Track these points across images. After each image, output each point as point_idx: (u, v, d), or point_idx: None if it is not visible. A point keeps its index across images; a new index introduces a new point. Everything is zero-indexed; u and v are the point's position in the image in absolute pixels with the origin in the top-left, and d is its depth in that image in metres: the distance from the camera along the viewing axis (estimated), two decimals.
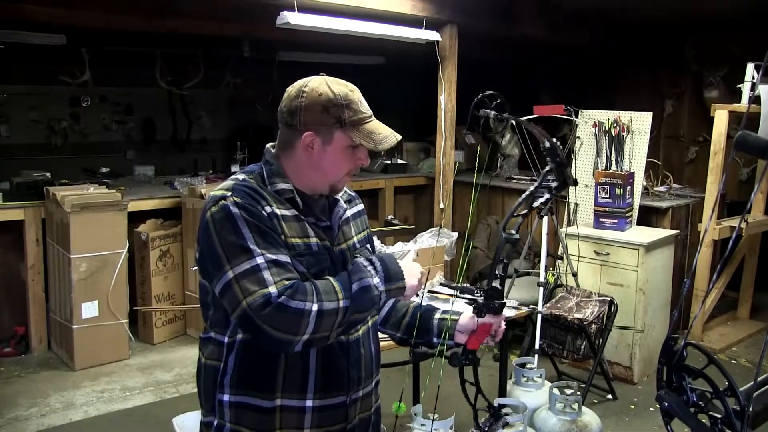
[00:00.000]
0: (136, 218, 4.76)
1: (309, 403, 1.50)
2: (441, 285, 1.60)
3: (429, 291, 1.55)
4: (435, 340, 1.71)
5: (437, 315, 1.74)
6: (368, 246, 1.72)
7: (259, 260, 1.38)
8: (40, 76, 5.97)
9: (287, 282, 1.37)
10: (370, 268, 1.46)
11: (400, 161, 6.80)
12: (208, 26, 5.20)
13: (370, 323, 1.64)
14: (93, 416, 3.71)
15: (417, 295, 1.56)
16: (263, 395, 1.48)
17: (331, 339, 1.42)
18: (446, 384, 4.19)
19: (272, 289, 1.34)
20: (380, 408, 1.72)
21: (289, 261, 1.43)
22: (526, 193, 1.53)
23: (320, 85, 1.50)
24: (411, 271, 1.51)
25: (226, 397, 1.50)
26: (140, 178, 5.87)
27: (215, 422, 1.53)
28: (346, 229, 1.63)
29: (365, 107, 1.54)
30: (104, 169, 5.95)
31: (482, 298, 1.57)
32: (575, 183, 1.54)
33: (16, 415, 3.68)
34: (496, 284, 1.57)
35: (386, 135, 1.53)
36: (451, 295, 1.57)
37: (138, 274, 4.82)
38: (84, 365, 4.29)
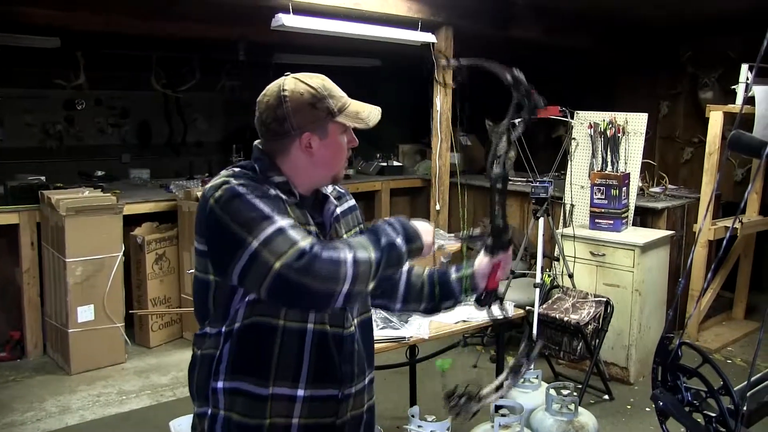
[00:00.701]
0: (131, 221, 4.75)
1: (300, 392, 1.49)
2: (449, 238, 1.66)
3: (439, 247, 1.63)
4: (460, 297, 1.76)
5: (454, 276, 1.75)
6: None
7: (283, 223, 1.36)
8: (35, 79, 5.96)
9: (313, 239, 1.36)
10: (390, 229, 1.46)
11: (396, 163, 6.80)
12: (203, 29, 5.20)
13: (357, 321, 1.62)
14: (89, 420, 3.69)
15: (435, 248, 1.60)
16: (258, 381, 1.47)
17: (368, 290, 1.40)
18: (444, 385, 4.18)
19: (304, 243, 1.33)
20: (374, 407, 1.71)
21: None
22: (501, 127, 1.54)
23: (296, 84, 1.51)
24: (425, 230, 1.52)
25: (220, 384, 1.49)
26: (136, 182, 5.87)
27: (209, 411, 1.51)
28: (337, 226, 1.63)
29: (341, 92, 1.56)
30: (99, 173, 5.94)
31: (490, 239, 1.62)
32: (545, 104, 1.56)
33: (11, 420, 3.66)
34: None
35: (370, 110, 1.57)
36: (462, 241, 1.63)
37: (134, 277, 4.81)
38: (80, 369, 4.28)
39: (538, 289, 3.92)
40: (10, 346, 4.50)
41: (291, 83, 1.51)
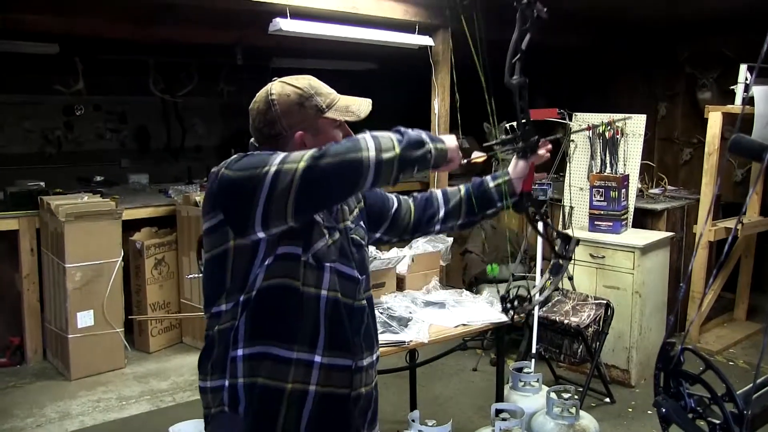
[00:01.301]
0: (130, 227, 4.74)
1: (318, 358, 1.51)
2: (484, 146, 1.74)
3: (468, 161, 1.69)
4: (499, 204, 1.83)
5: (491, 184, 1.82)
6: (362, 223, 1.72)
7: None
8: (34, 86, 5.96)
9: None
10: (409, 129, 1.46)
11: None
12: (200, 34, 5.20)
13: (365, 296, 1.65)
14: (89, 426, 3.68)
15: (465, 160, 1.62)
16: (282, 344, 1.48)
17: (395, 155, 1.36)
18: (443, 389, 4.17)
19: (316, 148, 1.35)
20: (377, 386, 1.73)
21: None
22: (513, 39, 1.68)
23: (282, 87, 1.55)
24: (447, 137, 1.51)
25: (240, 352, 1.49)
26: (135, 187, 5.86)
27: (226, 383, 1.51)
28: (342, 209, 1.65)
29: (329, 89, 1.59)
30: (98, 178, 5.94)
31: (520, 142, 1.70)
32: (546, 14, 1.71)
33: (11, 426, 3.66)
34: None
35: (361, 103, 1.59)
36: (494, 150, 1.73)
37: (133, 282, 4.80)
38: (80, 375, 4.27)
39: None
40: (10, 352, 4.50)
41: (278, 87, 1.56)
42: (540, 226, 1.90)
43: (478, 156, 1.71)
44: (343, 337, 1.55)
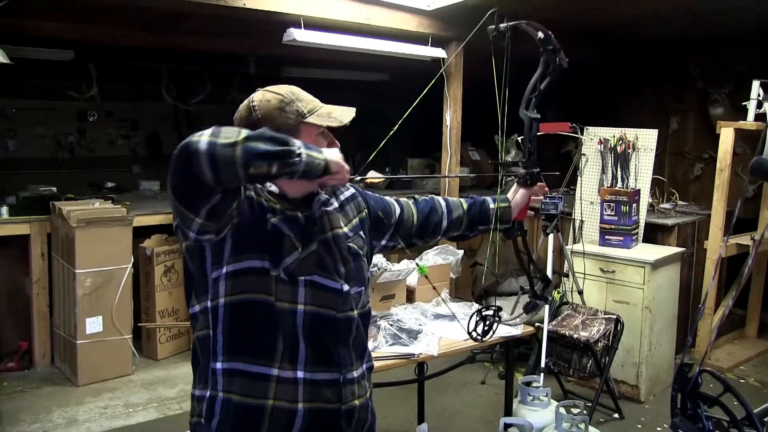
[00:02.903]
0: (141, 233, 4.76)
1: (300, 374, 1.49)
2: (491, 162, 1.86)
3: (363, 179, 1.68)
4: (491, 225, 1.94)
5: (491, 206, 1.94)
6: (362, 233, 1.69)
7: None
8: (48, 91, 6.00)
9: None
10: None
11: (405, 178, 6.79)
12: (214, 42, 5.23)
13: (358, 312, 1.61)
14: None
15: (352, 178, 1.53)
16: (256, 360, 1.47)
17: (239, 148, 1.27)
18: (452, 402, 4.16)
19: None
20: (372, 395, 1.70)
21: None
22: (534, 78, 1.85)
23: (264, 94, 1.56)
24: (329, 150, 1.43)
25: (219, 365, 1.49)
26: (146, 193, 5.90)
27: (208, 393, 1.51)
28: (333, 218, 1.61)
29: (312, 97, 1.60)
30: (110, 184, 5.97)
31: (524, 171, 1.84)
32: (567, 64, 1.89)
33: (18, 431, 3.66)
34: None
35: (343, 110, 1.59)
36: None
37: (142, 289, 4.81)
38: (87, 381, 4.27)
39: (547, 306, 3.90)
40: (19, 356, 4.51)
41: (259, 94, 1.57)
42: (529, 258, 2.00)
43: (375, 177, 1.67)
44: (327, 350, 1.53)
